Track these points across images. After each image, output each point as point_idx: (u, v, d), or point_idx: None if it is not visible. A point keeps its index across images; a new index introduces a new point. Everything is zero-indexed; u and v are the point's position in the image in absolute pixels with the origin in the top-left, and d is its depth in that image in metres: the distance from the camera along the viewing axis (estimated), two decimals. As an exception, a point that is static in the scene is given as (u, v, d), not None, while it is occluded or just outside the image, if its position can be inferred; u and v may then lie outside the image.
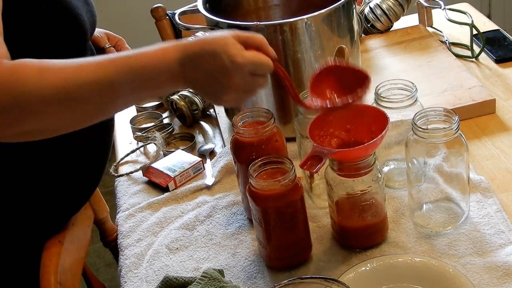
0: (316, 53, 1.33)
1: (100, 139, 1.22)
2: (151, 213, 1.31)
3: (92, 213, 1.37)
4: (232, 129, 1.17)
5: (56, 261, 1.16)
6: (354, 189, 1.08)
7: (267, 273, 1.12)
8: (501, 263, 1.05)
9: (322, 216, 1.21)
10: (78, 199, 1.25)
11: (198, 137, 1.51)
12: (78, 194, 1.24)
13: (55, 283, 1.13)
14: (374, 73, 1.58)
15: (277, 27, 1.30)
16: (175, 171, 1.36)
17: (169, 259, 1.19)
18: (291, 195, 1.06)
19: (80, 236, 1.29)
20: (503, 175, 1.25)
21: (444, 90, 1.46)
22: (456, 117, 1.07)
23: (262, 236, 1.10)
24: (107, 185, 1.65)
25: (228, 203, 1.29)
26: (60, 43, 1.10)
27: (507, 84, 1.51)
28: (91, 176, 1.24)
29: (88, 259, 2.16)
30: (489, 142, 1.34)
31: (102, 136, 1.22)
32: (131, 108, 1.65)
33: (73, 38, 1.13)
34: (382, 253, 1.11)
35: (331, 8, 1.30)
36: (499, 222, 1.13)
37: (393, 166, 1.26)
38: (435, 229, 1.14)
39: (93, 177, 1.25)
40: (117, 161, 1.49)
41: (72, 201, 1.23)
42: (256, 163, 1.08)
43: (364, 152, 1.05)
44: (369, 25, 1.75)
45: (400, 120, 1.17)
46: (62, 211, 1.22)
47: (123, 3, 3.05)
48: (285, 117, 1.38)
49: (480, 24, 1.70)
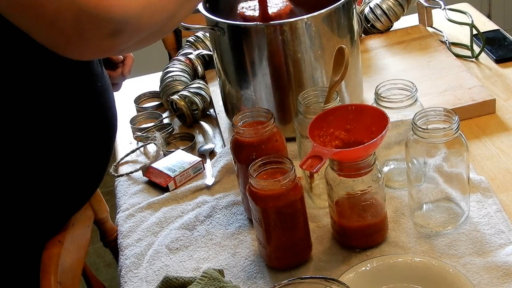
0: (316, 53, 1.33)
1: (103, 139, 1.22)
2: (151, 213, 1.31)
3: (92, 213, 1.37)
4: (232, 129, 1.17)
5: (56, 261, 1.16)
6: (354, 189, 1.08)
7: (267, 273, 1.12)
8: (501, 263, 1.05)
9: (322, 216, 1.21)
10: (80, 199, 1.25)
11: (198, 137, 1.51)
12: (80, 194, 1.24)
13: (55, 283, 1.13)
14: (374, 73, 1.59)
15: (277, 27, 1.30)
16: (175, 171, 1.36)
17: (169, 259, 1.19)
18: (291, 195, 1.06)
19: (80, 236, 1.29)
20: (503, 175, 1.25)
21: (444, 90, 1.46)
22: (456, 117, 1.07)
23: (262, 236, 1.10)
24: (107, 185, 1.65)
25: (228, 203, 1.29)
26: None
27: (507, 84, 1.52)
28: (93, 176, 1.24)
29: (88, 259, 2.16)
30: (489, 142, 1.34)
31: (104, 136, 1.22)
32: (131, 108, 1.65)
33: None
34: (382, 253, 1.11)
35: (331, 8, 1.30)
36: (499, 222, 1.13)
37: (393, 166, 1.26)
38: (435, 229, 1.14)
39: (95, 177, 1.25)
40: (117, 161, 1.49)
41: (74, 201, 1.23)
42: (256, 163, 1.08)
43: (364, 152, 1.05)
44: (369, 25, 1.75)
45: (400, 120, 1.17)
46: (63, 211, 1.22)
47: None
48: (285, 117, 1.38)
49: (480, 24, 1.70)
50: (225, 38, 1.34)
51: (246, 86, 1.38)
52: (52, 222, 1.21)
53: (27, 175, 1.12)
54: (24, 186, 1.13)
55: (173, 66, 1.64)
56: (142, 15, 0.92)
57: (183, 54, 1.69)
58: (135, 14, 0.91)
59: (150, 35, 0.99)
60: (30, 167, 1.12)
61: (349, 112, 1.12)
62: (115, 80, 1.42)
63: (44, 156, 1.12)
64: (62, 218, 1.23)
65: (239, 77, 1.38)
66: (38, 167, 1.13)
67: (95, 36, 0.90)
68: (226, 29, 1.32)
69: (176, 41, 2.06)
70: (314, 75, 1.35)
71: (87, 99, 1.15)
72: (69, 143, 1.13)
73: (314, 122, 1.10)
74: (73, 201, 1.23)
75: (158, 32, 1.00)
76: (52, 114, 1.10)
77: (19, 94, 1.06)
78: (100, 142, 1.21)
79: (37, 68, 1.05)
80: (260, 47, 1.31)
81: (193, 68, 1.66)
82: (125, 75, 1.42)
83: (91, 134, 1.17)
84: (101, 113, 1.19)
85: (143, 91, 1.69)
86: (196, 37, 1.75)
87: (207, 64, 1.70)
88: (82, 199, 1.26)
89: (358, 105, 1.18)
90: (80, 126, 1.15)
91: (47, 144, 1.11)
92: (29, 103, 1.07)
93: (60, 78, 1.09)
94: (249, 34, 1.31)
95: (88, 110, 1.16)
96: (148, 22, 0.95)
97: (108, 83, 1.23)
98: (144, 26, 0.94)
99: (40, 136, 1.09)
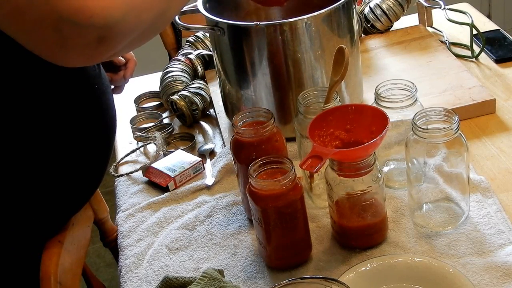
0: (316, 53, 1.33)
1: (101, 141, 1.22)
2: (151, 213, 1.31)
3: (92, 213, 1.37)
4: (232, 129, 1.17)
5: (56, 261, 1.16)
6: (354, 189, 1.08)
7: (267, 273, 1.12)
8: (501, 263, 1.05)
9: (322, 216, 1.21)
10: (79, 200, 1.25)
11: (198, 137, 1.51)
12: (79, 195, 1.23)
13: (55, 283, 1.13)
14: (374, 73, 1.59)
15: (277, 27, 1.30)
16: (175, 171, 1.36)
17: (169, 259, 1.19)
18: (291, 195, 1.06)
19: (80, 236, 1.29)
20: (503, 175, 1.25)
21: (444, 90, 1.46)
22: (456, 117, 1.07)
23: (262, 236, 1.10)
24: (107, 185, 1.65)
25: (228, 203, 1.29)
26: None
27: (507, 84, 1.51)
28: (92, 177, 1.24)
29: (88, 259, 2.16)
30: (489, 142, 1.34)
31: (103, 138, 1.22)
32: (131, 108, 1.65)
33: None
34: (382, 253, 1.11)
35: (331, 8, 1.30)
36: (499, 222, 1.13)
37: (393, 166, 1.26)
38: (435, 229, 1.14)
39: (94, 179, 1.25)
40: (117, 161, 1.49)
41: (73, 202, 1.23)
42: (256, 163, 1.08)
43: (364, 152, 1.05)
44: (369, 25, 1.75)
45: (400, 120, 1.17)
46: (63, 212, 1.22)
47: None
48: (285, 117, 1.38)
49: (480, 24, 1.70)
50: (225, 38, 1.34)
51: (246, 86, 1.38)
52: (52, 222, 1.21)
53: (27, 176, 1.12)
54: (24, 187, 1.13)
55: (173, 66, 1.64)
56: (127, 18, 0.89)
57: (183, 54, 1.69)
58: (118, 18, 0.87)
59: (141, 34, 0.95)
60: (29, 169, 1.12)
61: (349, 112, 1.12)
62: (117, 83, 1.41)
63: (42, 157, 1.12)
64: (62, 218, 1.23)
65: (239, 77, 1.38)
66: (37, 168, 1.13)
67: (79, 44, 0.87)
68: (226, 29, 1.32)
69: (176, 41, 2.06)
70: (314, 75, 1.35)
71: (84, 101, 1.15)
72: (67, 144, 1.13)
73: (314, 122, 1.10)
74: (72, 202, 1.23)
75: (149, 31, 0.97)
76: (49, 115, 1.09)
77: (17, 96, 1.05)
78: (99, 144, 1.21)
79: (32, 69, 1.05)
80: (260, 47, 1.31)
81: (193, 68, 1.66)
82: (127, 78, 1.42)
83: (90, 136, 1.17)
84: (100, 114, 1.18)
85: (143, 91, 1.69)
86: (196, 37, 1.75)
87: (207, 64, 1.70)
88: (82, 200, 1.26)
89: (358, 105, 1.18)
90: (78, 128, 1.14)
91: (45, 146, 1.10)
92: (27, 105, 1.07)
93: (55, 80, 1.09)
94: (249, 34, 1.31)
95: (86, 112, 1.15)
96: (134, 24, 0.91)
97: (107, 85, 1.23)
98: (130, 28, 0.91)
99: (38, 138, 1.09)
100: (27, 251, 1.20)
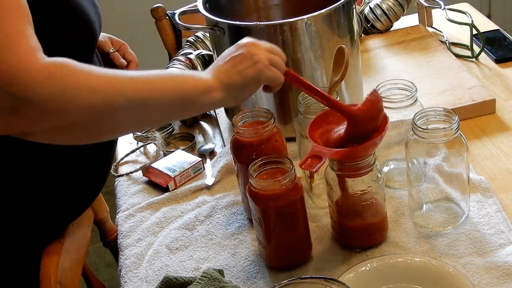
0: (316, 53, 1.33)
1: (104, 146, 1.21)
2: (151, 213, 1.31)
3: (92, 213, 1.37)
4: (232, 129, 1.17)
5: (56, 261, 1.16)
6: (354, 189, 1.08)
7: (267, 273, 1.12)
8: (501, 263, 1.05)
9: (322, 216, 1.21)
10: (81, 204, 1.25)
11: (198, 137, 1.51)
12: (81, 199, 1.23)
13: (55, 283, 1.13)
14: (374, 73, 1.59)
15: (277, 27, 1.30)
16: (175, 171, 1.36)
17: (169, 259, 1.19)
18: (291, 195, 1.06)
19: (80, 236, 1.29)
20: (503, 175, 1.25)
21: (444, 90, 1.46)
22: (456, 117, 1.07)
23: (262, 236, 1.10)
24: (107, 185, 1.64)
25: (228, 203, 1.29)
26: (71, 45, 1.09)
27: (507, 84, 1.51)
28: (94, 181, 1.24)
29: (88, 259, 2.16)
30: (489, 142, 1.34)
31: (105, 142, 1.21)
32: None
33: (84, 41, 1.12)
34: (382, 253, 1.11)
35: (331, 8, 1.31)
36: (499, 222, 1.13)
37: (393, 166, 1.26)
38: (435, 229, 1.14)
39: (96, 183, 1.25)
40: (117, 161, 1.49)
41: (75, 206, 1.23)
42: (256, 163, 1.08)
43: (364, 152, 1.05)
44: (369, 25, 1.75)
45: (400, 120, 1.17)
46: (64, 216, 1.22)
47: (123, 3, 3.05)
48: (285, 117, 1.38)
49: (480, 24, 1.70)
50: (225, 38, 1.34)
51: (246, 86, 1.37)
52: (53, 227, 1.21)
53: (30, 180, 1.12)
54: (26, 193, 1.13)
55: (173, 66, 1.63)
56: (52, 99, 0.79)
57: (183, 54, 1.69)
58: (42, 95, 0.78)
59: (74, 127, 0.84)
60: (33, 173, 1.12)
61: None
62: None
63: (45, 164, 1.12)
64: (63, 223, 1.23)
65: (239, 77, 1.38)
66: (40, 175, 1.13)
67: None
68: (226, 29, 1.32)
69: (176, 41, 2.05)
70: (314, 75, 1.35)
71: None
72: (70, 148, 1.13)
73: (314, 122, 1.10)
74: (75, 206, 1.23)
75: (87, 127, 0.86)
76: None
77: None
78: (100, 150, 1.21)
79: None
80: (260, 47, 1.31)
81: (193, 68, 1.66)
82: None
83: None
84: None
85: (143, 91, 1.69)
86: (196, 37, 1.75)
87: (207, 64, 1.70)
88: (84, 203, 1.26)
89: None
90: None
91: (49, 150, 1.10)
92: None
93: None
94: (249, 34, 1.31)
95: None
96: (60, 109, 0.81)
97: None
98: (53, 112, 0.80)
99: (41, 144, 1.09)
100: (28, 253, 1.20)
